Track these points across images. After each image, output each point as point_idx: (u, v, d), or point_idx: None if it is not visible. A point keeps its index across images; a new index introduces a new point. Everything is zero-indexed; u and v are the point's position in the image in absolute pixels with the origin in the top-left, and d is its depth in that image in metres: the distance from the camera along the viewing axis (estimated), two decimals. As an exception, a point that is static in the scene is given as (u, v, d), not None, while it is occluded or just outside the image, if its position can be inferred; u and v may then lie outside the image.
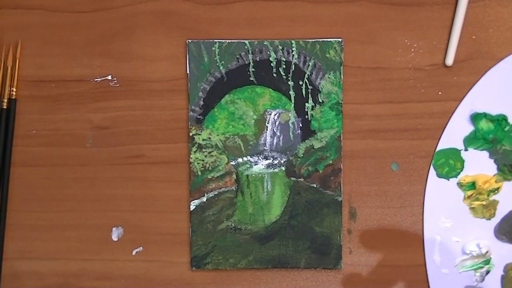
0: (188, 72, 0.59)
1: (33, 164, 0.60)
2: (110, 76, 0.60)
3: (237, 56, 0.59)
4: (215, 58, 0.59)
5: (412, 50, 0.59)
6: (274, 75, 0.59)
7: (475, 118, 0.58)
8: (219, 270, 0.60)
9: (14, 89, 0.59)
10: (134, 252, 0.60)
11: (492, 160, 0.59)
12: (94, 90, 0.60)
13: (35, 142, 0.60)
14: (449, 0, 0.59)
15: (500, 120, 0.58)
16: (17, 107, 0.60)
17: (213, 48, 0.59)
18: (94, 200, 0.60)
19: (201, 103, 0.59)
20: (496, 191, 0.59)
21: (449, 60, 0.58)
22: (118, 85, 0.60)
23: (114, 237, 0.60)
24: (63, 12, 0.60)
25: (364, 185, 0.60)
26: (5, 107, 0.59)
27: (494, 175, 0.59)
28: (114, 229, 0.60)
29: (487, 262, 0.59)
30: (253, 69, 0.59)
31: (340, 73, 0.59)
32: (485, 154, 0.59)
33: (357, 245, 0.60)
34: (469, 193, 0.59)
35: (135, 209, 0.60)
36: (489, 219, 0.59)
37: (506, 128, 0.58)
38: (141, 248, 0.60)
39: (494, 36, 0.59)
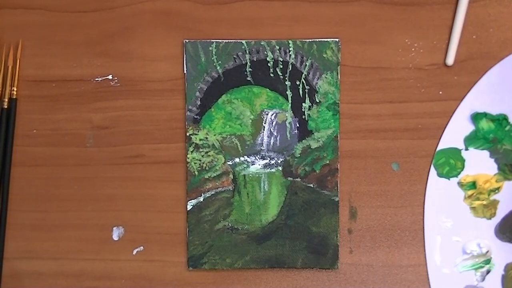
0: (185, 72, 0.59)
1: (33, 164, 0.60)
2: (110, 76, 0.60)
3: (234, 56, 0.59)
4: (212, 58, 0.59)
5: (413, 49, 0.59)
6: (271, 75, 0.59)
7: (476, 117, 0.58)
8: (220, 270, 0.60)
9: (15, 89, 0.59)
10: (135, 252, 0.60)
11: (492, 160, 0.59)
12: (95, 90, 0.60)
13: (35, 142, 0.60)
14: (449, 0, 0.59)
15: (500, 119, 0.58)
16: (17, 107, 0.60)
17: (210, 48, 0.59)
18: (94, 200, 0.60)
19: (198, 103, 0.59)
20: (496, 191, 0.59)
21: (450, 60, 0.58)
22: (118, 84, 0.60)
23: (115, 237, 0.60)
24: (63, 12, 0.60)
25: (365, 185, 0.60)
26: (5, 107, 0.59)
27: (495, 175, 0.59)
28: (114, 228, 0.60)
29: (488, 261, 0.59)
30: (250, 69, 0.59)
31: (337, 73, 0.58)
32: (486, 153, 0.59)
33: (358, 244, 0.60)
34: (469, 192, 0.59)
35: (136, 208, 0.60)
36: (490, 218, 0.59)
37: (507, 128, 0.58)
38: (141, 247, 0.60)
39: (495, 35, 0.59)
